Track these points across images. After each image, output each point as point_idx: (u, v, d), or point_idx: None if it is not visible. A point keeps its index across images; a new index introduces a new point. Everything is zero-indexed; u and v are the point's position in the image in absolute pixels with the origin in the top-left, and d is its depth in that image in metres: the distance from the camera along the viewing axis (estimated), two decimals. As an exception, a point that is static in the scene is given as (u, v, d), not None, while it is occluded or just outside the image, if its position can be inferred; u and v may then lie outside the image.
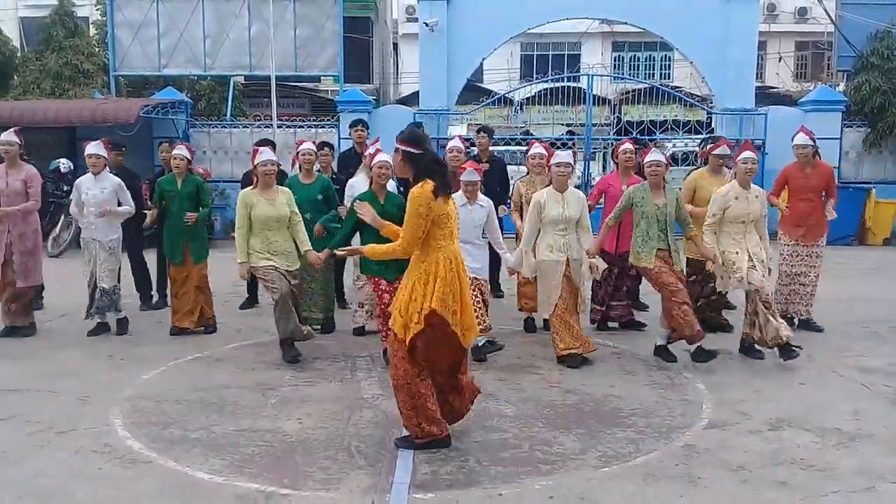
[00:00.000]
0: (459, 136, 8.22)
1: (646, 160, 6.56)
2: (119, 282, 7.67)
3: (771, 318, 6.44)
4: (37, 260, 7.67)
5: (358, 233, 6.46)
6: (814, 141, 7.67)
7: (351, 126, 9.23)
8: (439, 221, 4.49)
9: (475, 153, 9.13)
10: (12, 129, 7.57)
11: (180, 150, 7.75)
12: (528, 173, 7.76)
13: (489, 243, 7.03)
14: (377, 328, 6.86)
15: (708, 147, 7.98)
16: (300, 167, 7.62)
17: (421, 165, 4.52)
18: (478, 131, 9.16)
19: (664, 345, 6.69)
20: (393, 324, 4.63)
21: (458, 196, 6.70)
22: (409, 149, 4.54)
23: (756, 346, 6.63)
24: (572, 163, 6.66)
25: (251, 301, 8.90)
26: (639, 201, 6.53)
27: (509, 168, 9.76)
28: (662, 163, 6.51)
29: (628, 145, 7.64)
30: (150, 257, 8.92)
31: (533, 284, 6.98)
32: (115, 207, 7.52)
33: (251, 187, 6.65)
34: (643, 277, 7.53)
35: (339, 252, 5.85)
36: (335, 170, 8.92)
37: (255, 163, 6.60)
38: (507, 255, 6.83)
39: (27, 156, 7.87)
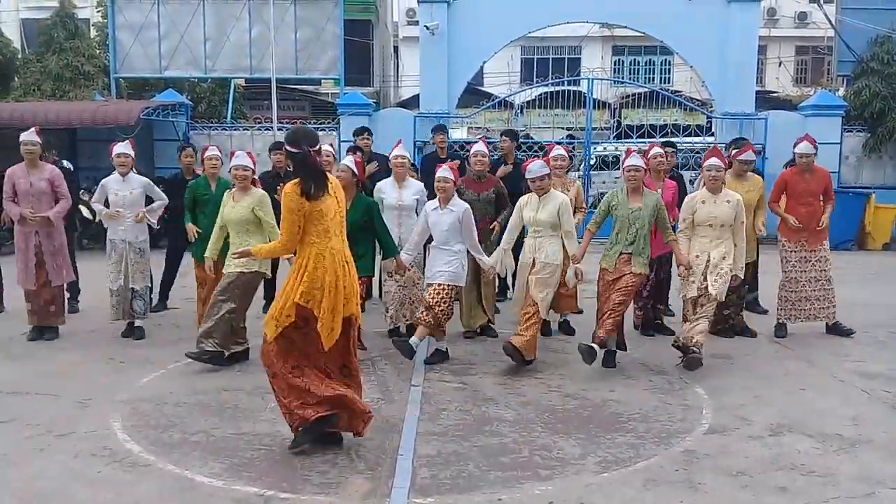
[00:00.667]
0: (483, 139, 8.20)
1: (625, 164, 6.57)
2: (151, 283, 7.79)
3: (697, 323, 6.52)
4: (65, 257, 7.72)
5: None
6: (816, 149, 7.72)
7: (356, 134, 9.20)
8: (312, 218, 4.56)
9: (498, 156, 9.12)
10: (33, 129, 7.53)
11: (214, 151, 7.68)
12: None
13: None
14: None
15: (732, 153, 7.99)
16: None
17: (295, 164, 4.61)
18: (501, 135, 9.21)
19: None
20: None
21: (434, 200, 6.75)
22: (288, 147, 4.63)
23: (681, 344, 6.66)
24: (547, 173, 6.63)
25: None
26: (615, 205, 6.56)
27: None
28: (642, 167, 6.56)
29: (658, 149, 7.62)
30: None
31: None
32: (144, 209, 7.53)
33: (232, 189, 6.72)
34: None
35: (233, 255, 5.86)
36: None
37: (230, 166, 6.64)
38: (484, 257, 6.82)
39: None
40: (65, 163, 12.32)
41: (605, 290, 6.50)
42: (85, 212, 12.44)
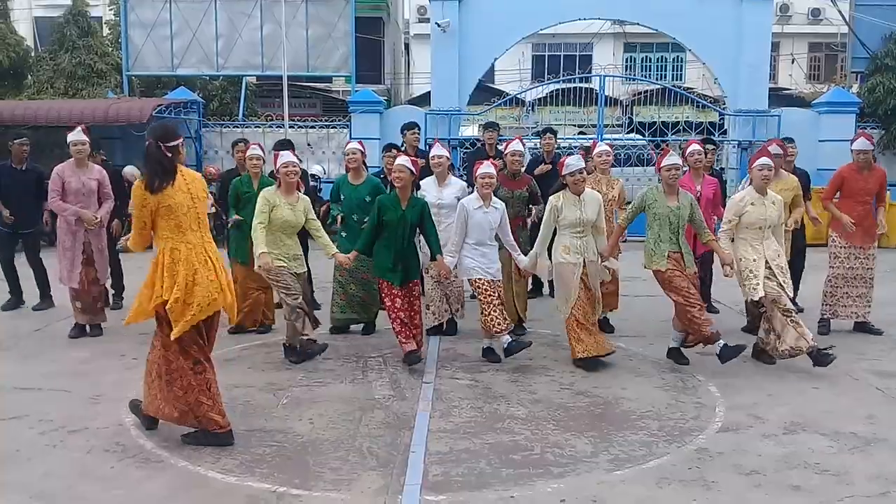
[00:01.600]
0: (519, 137, 8.19)
1: (664, 163, 6.50)
2: None
3: (790, 327, 6.33)
4: (106, 256, 7.79)
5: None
6: (874, 146, 7.76)
7: (405, 129, 9.15)
8: (161, 214, 4.65)
9: (537, 154, 9.12)
10: (80, 128, 7.57)
11: (255, 150, 7.64)
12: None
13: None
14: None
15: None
16: (347, 168, 7.63)
17: (145, 157, 4.73)
18: (542, 132, 9.22)
19: (677, 347, 6.66)
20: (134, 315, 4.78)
21: (473, 199, 6.71)
22: (147, 142, 4.75)
23: (769, 354, 6.59)
24: (583, 167, 6.63)
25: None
26: (651, 203, 6.48)
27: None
28: (680, 165, 6.51)
29: (696, 146, 7.57)
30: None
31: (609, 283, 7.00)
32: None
33: (273, 188, 6.65)
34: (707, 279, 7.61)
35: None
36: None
37: (277, 165, 6.59)
38: (521, 256, 6.81)
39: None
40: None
41: (685, 282, 6.36)
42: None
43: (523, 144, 7.79)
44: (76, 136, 7.46)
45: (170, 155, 4.70)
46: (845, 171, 7.77)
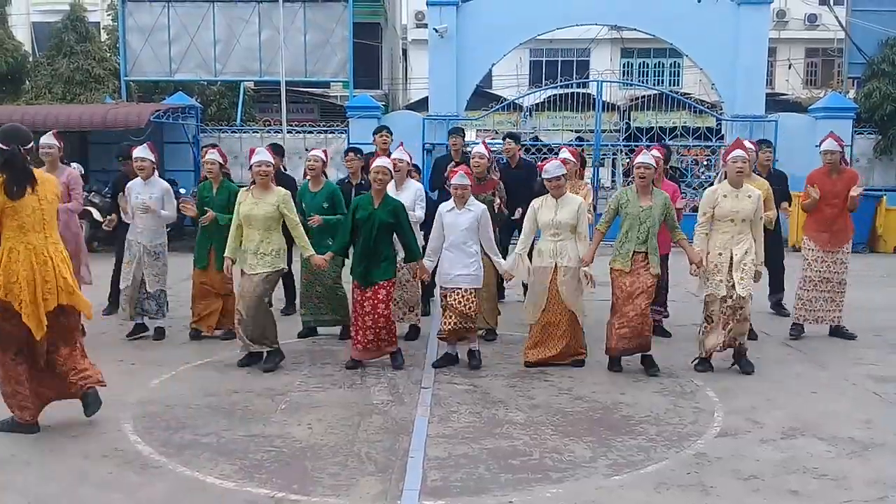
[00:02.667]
0: (484, 142, 8.18)
1: (635, 162, 6.54)
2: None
3: (720, 326, 6.46)
4: (80, 262, 7.63)
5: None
6: (842, 147, 7.70)
7: (376, 132, 9.20)
8: (7, 213, 4.80)
9: (504, 159, 9.16)
10: (51, 133, 7.57)
11: (212, 155, 7.63)
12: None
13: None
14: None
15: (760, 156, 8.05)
16: (305, 174, 7.72)
17: (4, 161, 4.82)
18: (504, 138, 9.24)
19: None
20: None
21: (449, 202, 6.74)
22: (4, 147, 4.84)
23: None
24: (563, 173, 6.61)
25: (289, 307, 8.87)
26: (624, 203, 6.51)
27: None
28: (651, 165, 6.49)
29: (655, 152, 7.56)
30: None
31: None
32: (160, 209, 7.51)
33: (248, 186, 6.71)
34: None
35: None
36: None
37: (250, 163, 6.65)
38: (500, 259, 6.82)
39: (33, 161, 7.91)
40: (74, 166, 12.43)
41: (623, 292, 6.42)
42: (96, 214, 12.48)
43: (487, 148, 7.82)
44: (46, 139, 7.48)
45: (28, 158, 4.87)
46: (815, 174, 7.76)
